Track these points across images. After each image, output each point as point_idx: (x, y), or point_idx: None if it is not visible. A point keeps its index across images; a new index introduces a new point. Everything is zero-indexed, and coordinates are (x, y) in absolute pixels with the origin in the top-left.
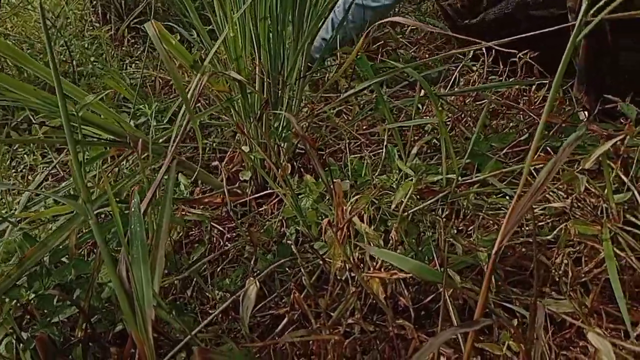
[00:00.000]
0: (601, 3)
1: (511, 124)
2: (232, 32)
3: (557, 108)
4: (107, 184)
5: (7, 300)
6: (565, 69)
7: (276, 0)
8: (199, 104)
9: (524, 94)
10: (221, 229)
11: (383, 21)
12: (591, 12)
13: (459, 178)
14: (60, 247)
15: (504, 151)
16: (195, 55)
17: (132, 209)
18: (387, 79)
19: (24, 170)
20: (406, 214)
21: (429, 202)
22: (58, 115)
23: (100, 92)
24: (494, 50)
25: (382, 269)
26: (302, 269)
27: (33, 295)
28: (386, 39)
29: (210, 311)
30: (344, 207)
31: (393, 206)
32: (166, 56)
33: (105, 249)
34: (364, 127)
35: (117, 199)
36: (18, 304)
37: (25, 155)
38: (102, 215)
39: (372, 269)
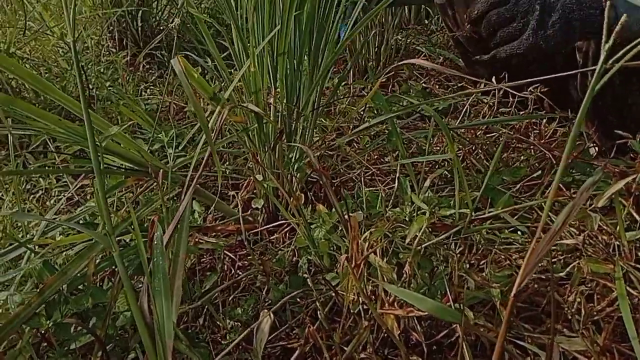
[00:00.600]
0: (619, 54)
1: (522, 158)
2: (253, 68)
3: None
4: (134, 217)
5: (27, 329)
6: (585, 114)
7: (294, 35)
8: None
9: (534, 127)
10: (233, 256)
11: (402, 63)
12: (609, 61)
13: (472, 213)
14: (78, 274)
15: (517, 187)
16: (214, 88)
17: (155, 242)
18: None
19: (39, 192)
20: (420, 248)
21: (442, 236)
22: (77, 143)
23: (117, 120)
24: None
25: (396, 303)
26: (316, 302)
27: (51, 324)
28: (397, 70)
29: (221, 341)
30: (359, 241)
31: (407, 240)
32: (192, 94)
33: (128, 282)
34: (375, 157)
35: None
36: (37, 332)
37: (40, 179)
38: (118, 241)
39: (386, 303)
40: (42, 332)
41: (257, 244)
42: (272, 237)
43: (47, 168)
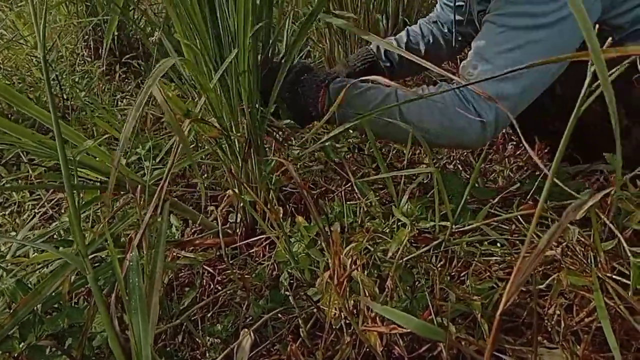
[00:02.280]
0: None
1: (499, 169)
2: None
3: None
4: (109, 236)
5: None
6: (565, 148)
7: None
8: (192, 145)
9: (512, 138)
10: (211, 271)
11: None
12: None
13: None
14: (53, 293)
15: (496, 200)
16: (188, 105)
17: (131, 263)
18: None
19: (12, 206)
20: (402, 261)
21: (423, 250)
22: (51, 157)
23: (93, 131)
24: None
25: (378, 318)
26: (298, 319)
27: (25, 346)
28: None
29: (201, 359)
30: (341, 256)
31: (389, 255)
32: (177, 127)
33: (103, 305)
34: (354, 168)
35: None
36: (9, 356)
37: (13, 193)
38: (92, 257)
39: (369, 318)
40: (15, 355)
41: (236, 258)
42: (250, 251)
43: (20, 182)
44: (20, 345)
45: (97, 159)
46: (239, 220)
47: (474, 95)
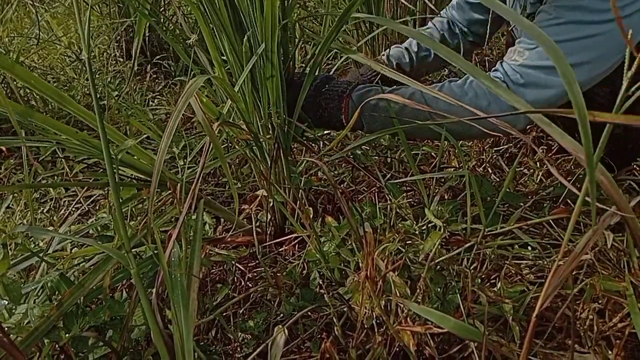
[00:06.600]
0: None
1: (530, 172)
2: (239, 102)
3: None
4: (157, 232)
5: (46, 342)
6: (602, 151)
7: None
8: (223, 146)
9: (542, 140)
10: (242, 268)
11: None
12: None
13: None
14: (94, 287)
15: (528, 204)
16: (221, 108)
17: (173, 259)
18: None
19: (49, 201)
20: (433, 263)
21: (455, 252)
22: (92, 155)
23: (125, 129)
24: None
25: (409, 318)
26: (333, 318)
27: (69, 336)
28: None
29: (233, 354)
30: (374, 257)
31: (421, 257)
32: (211, 132)
33: (147, 301)
34: (384, 169)
35: (147, 239)
36: (56, 345)
37: (50, 189)
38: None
39: (401, 318)
40: (61, 345)
41: (266, 256)
42: (280, 249)
43: (56, 179)
44: (66, 336)
45: (135, 157)
46: (268, 219)
47: (514, 80)
